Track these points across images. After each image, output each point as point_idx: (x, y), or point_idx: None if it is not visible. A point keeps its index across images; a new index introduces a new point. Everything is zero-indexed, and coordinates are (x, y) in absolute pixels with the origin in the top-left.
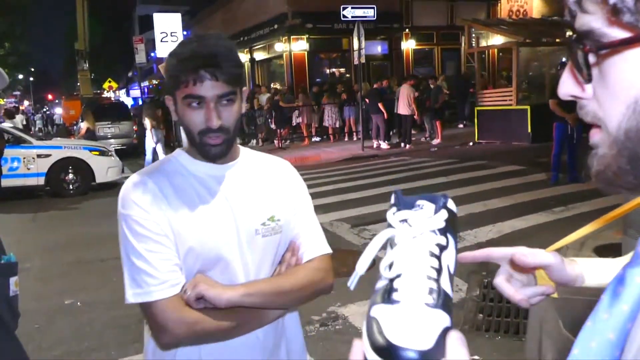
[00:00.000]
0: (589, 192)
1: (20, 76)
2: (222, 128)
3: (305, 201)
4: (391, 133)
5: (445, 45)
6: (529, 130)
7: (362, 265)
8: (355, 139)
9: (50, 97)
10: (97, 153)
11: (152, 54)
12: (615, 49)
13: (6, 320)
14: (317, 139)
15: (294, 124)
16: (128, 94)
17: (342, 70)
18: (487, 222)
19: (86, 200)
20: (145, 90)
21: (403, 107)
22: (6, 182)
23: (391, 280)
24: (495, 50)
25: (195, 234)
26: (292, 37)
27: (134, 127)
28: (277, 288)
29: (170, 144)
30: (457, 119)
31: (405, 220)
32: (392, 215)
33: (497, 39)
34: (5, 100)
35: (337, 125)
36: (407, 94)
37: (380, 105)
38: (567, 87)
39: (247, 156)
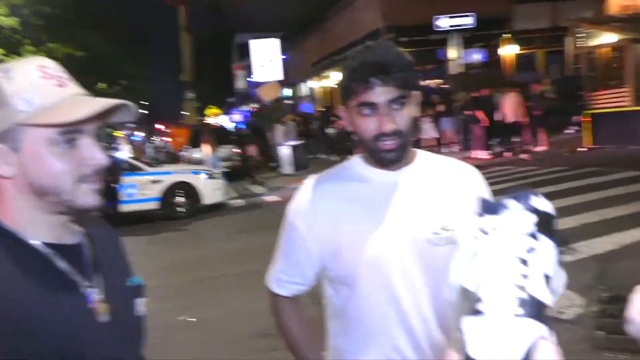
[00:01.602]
0: None
1: None
2: (396, 132)
3: None
4: (493, 143)
5: (549, 48)
6: None
7: (455, 276)
8: (454, 150)
9: (159, 126)
10: (204, 177)
11: (251, 79)
12: None
13: (134, 339)
14: None
15: None
16: (229, 119)
17: (439, 81)
18: (603, 232)
19: (195, 222)
20: (246, 114)
21: (509, 115)
22: (125, 208)
23: (477, 291)
24: (606, 49)
25: (354, 240)
26: None
27: (236, 150)
28: None
29: (268, 164)
30: (564, 125)
31: (489, 228)
32: (476, 223)
33: (606, 38)
34: (123, 132)
35: (434, 137)
36: (515, 100)
37: (480, 113)
38: None
39: (425, 160)
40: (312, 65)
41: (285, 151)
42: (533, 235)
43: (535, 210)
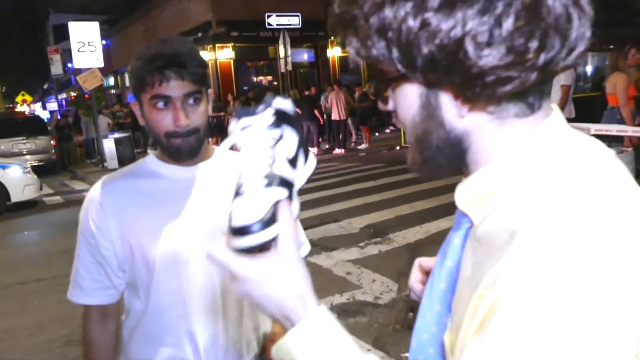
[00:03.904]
0: None
1: None
2: (190, 127)
3: None
4: (320, 140)
5: None
6: None
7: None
8: None
9: None
10: (12, 171)
11: (69, 65)
12: (395, 83)
13: None
14: None
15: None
16: (44, 108)
17: (270, 78)
18: (414, 223)
19: (2, 222)
20: (63, 102)
21: (336, 112)
22: None
23: (239, 178)
24: None
25: (146, 235)
26: (217, 45)
27: (52, 142)
28: None
29: (88, 159)
30: (384, 125)
31: (244, 127)
32: (234, 125)
33: None
34: None
35: None
36: (344, 97)
37: (315, 112)
38: (380, 103)
39: (221, 157)
40: None
41: (108, 144)
42: (277, 126)
43: (276, 109)
